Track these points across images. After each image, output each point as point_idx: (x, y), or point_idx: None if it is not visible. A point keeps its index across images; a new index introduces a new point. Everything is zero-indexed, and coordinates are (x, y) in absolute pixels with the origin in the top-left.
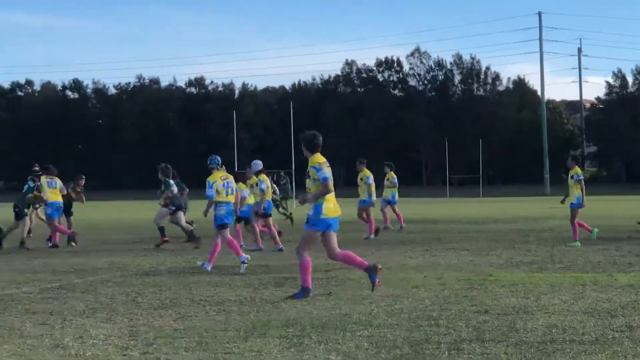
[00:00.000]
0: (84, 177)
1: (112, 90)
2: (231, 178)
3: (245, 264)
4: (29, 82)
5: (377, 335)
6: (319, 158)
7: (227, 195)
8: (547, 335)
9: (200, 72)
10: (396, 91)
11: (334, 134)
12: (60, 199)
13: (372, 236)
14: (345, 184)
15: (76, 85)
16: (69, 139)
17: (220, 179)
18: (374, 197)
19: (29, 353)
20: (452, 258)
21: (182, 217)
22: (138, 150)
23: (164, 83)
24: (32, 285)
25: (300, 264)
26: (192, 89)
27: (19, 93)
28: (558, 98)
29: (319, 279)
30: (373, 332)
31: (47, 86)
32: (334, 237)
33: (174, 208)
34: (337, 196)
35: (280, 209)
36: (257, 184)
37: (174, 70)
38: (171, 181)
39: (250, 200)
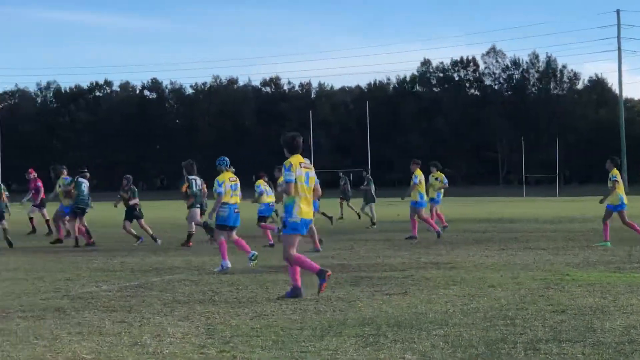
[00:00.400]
0: (127, 177)
1: (189, 90)
2: (238, 181)
3: (254, 261)
4: (108, 83)
5: (453, 334)
6: (293, 159)
7: (231, 196)
8: (625, 335)
9: (276, 72)
10: (472, 90)
11: (410, 133)
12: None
13: (416, 236)
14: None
15: (154, 85)
16: (146, 139)
17: (228, 180)
18: (425, 197)
19: (107, 350)
20: (528, 257)
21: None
22: (215, 150)
23: (239, 83)
24: (112, 284)
25: (295, 267)
26: (268, 89)
27: (98, 93)
28: (637, 97)
29: (395, 278)
30: (449, 331)
31: (126, 86)
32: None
33: (198, 205)
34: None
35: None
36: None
37: (250, 70)
38: (191, 178)
39: (270, 198)
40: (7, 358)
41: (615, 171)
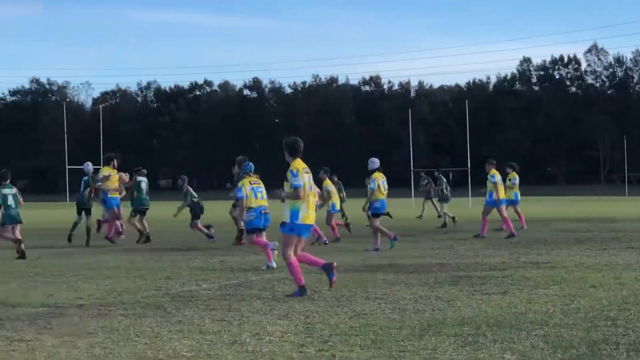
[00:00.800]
0: (182, 177)
1: (288, 90)
2: (261, 184)
3: (271, 268)
4: (208, 83)
5: (553, 334)
6: (298, 164)
7: (256, 199)
8: None
9: (374, 71)
10: (573, 89)
11: (510, 132)
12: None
13: (484, 235)
14: (520, 182)
15: (255, 84)
16: (246, 138)
17: (249, 183)
18: (499, 196)
19: (207, 349)
20: (631, 257)
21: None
22: (314, 149)
23: (338, 82)
24: (211, 282)
25: (289, 268)
26: (367, 88)
27: (198, 93)
28: None
29: (494, 277)
30: (549, 332)
31: (225, 86)
32: (301, 243)
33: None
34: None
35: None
36: (368, 183)
37: (348, 69)
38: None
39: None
40: (108, 355)
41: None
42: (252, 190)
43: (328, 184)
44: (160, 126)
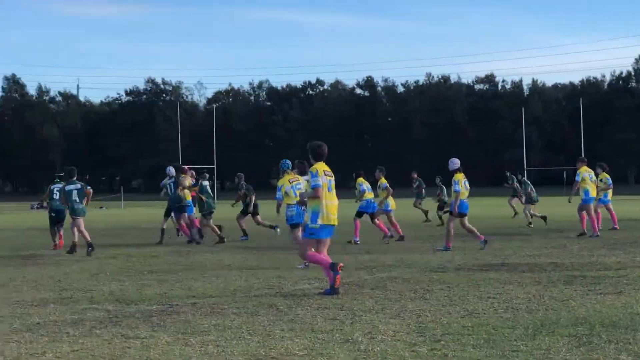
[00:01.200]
0: (239, 175)
1: (401, 89)
2: (299, 179)
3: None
4: (320, 82)
5: None
6: (318, 166)
7: (295, 196)
8: None
9: (488, 70)
10: None
11: (626, 130)
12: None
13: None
14: (637, 181)
15: (368, 83)
16: (359, 137)
17: (288, 182)
18: (590, 194)
19: (319, 347)
20: None
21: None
22: (427, 147)
23: (451, 81)
24: (323, 281)
25: (319, 264)
26: (481, 86)
27: (310, 92)
28: None
29: (609, 277)
30: None
31: (337, 85)
32: (325, 244)
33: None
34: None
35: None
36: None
37: (460, 68)
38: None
39: (370, 195)
40: (221, 353)
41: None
42: (292, 188)
43: (383, 182)
44: (273, 125)
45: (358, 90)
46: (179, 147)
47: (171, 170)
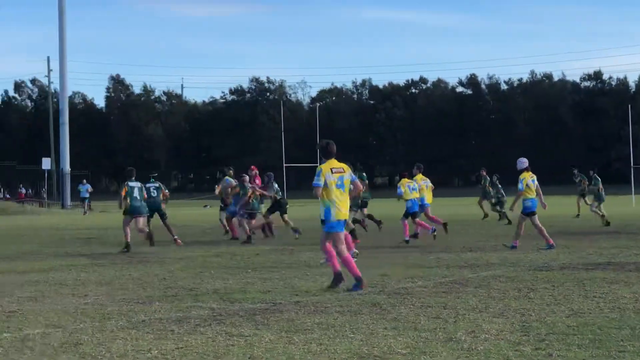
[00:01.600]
0: (268, 174)
1: (504, 86)
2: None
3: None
4: (423, 80)
5: None
6: (326, 164)
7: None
8: None
9: (593, 67)
10: None
11: None
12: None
13: None
14: None
15: (471, 81)
16: (462, 135)
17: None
18: None
19: (422, 346)
20: None
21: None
22: (531, 145)
23: (554, 78)
24: (427, 280)
25: (343, 260)
26: (586, 83)
27: (414, 90)
28: None
29: None
30: None
31: (440, 83)
32: (341, 238)
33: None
34: None
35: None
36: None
37: (565, 65)
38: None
39: (415, 194)
40: (324, 351)
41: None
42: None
43: (419, 179)
44: (376, 123)
45: (460, 88)
46: (283, 146)
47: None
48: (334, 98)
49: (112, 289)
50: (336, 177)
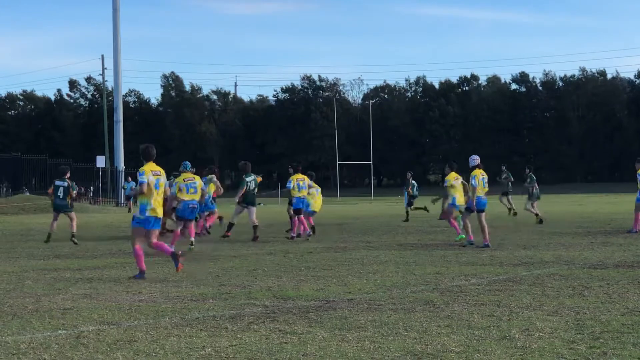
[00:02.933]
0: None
1: (559, 83)
2: (197, 179)
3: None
4: (475, 77)
5: None
6: (146, 166)
7: (187, 193)
8: None
9: None
10: None
11: None
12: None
13: None
14: None
15: (523, 78)
16: (515, 132)
17: (183, 180)
18: None
19: (476, 344)
20: None
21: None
22: (585, 143)
23: (608, 75)
24: (480, 277)
25: (134, 253)
26: None
27: (466, 88)
28: None
29: None
30: None
31: (493, 80)
32: (155, 233)
33: (245, 205)
34: None
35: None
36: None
37: (619, 62)
38: (247, 178)
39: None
40: (378, 349)
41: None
42: (185, 186)
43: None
44: (429, 121)
45: (514, 85)
46: (336, 143)
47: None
48: (386, 95)
49: (166, 287)
50: (155, 178)
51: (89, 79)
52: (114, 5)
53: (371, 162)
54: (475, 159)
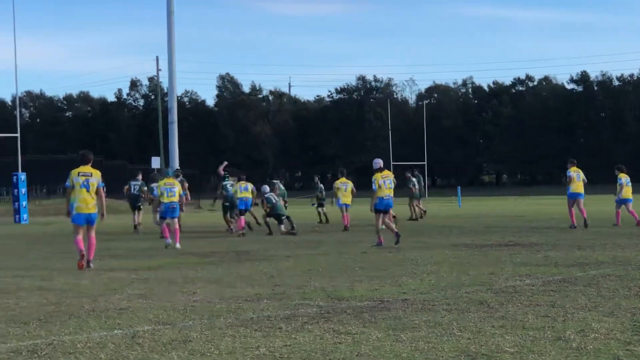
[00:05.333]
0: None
1: (615, 82)
2: (176, 184)
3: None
4: (529, 77)
5: None
6: (77, 168)
7: (167, 196)
8: None
9: None
10: None
11: None
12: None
13: None
14: None
15: (581, 78)
16: (570, 132)
17: (164, 184)
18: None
19: (530, 344)
20: None
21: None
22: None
23: None
24: (535, 278)
25: (75, 242)
26: None
27: (520, 88)
28: None
29: None
30: None
31: (547, 80)
32: (83, 229)
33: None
34: None
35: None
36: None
37: None
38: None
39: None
40: (432, 349)
41: None
42: (164, 189)
43: (338, 182)
44: (483, 121)
45: (569, 85)
46: (390, 144)
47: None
48: (439, 96)
49: (220, 287)
50: (82, 179)
51: (151, 79)
52: (169, 7)
53: (425, 163)
54: (377, 163)
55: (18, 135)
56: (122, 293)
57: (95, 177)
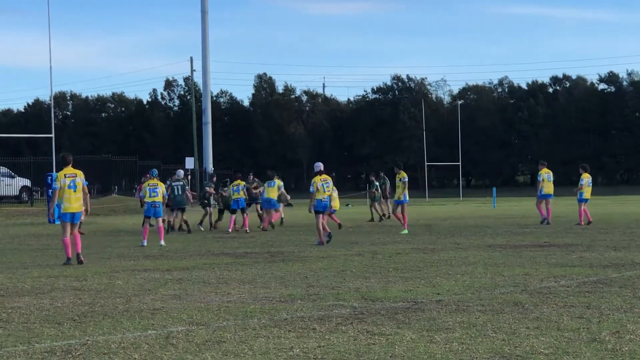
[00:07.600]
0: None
1: None
2: (160, 184)
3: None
4: (566, 77)
5: None
6: (62, 171)
7: (150, 196)
8: None
9: None
10: None
11: None
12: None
13: None
14: None
15: (611, 78)
16: (604, 133)
17: (148, 185)
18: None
19: (565, 346)
20: None
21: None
22: None
23: None
24: (570, 279)
25: (63, 242)
26: None
27: (556, 88)
28: None
29: None
30: None
31: (582, 80)
32: (70, 227)
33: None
34: None
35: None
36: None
37: None
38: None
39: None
40: (466, 350)
41: None
42: (147, 189)
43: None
44: (518, 121)
45: (602, 85)
46: (424, 144)
47: (180, 173)
48: (474, 95)
49: (254, 287)
50: (69, 180)
51: (186, 79)
52: (203, 7)
53: (460, 164)
54: (317, 166)
55: (52, 135)
56: (155, 293)
57: (80, 177)
